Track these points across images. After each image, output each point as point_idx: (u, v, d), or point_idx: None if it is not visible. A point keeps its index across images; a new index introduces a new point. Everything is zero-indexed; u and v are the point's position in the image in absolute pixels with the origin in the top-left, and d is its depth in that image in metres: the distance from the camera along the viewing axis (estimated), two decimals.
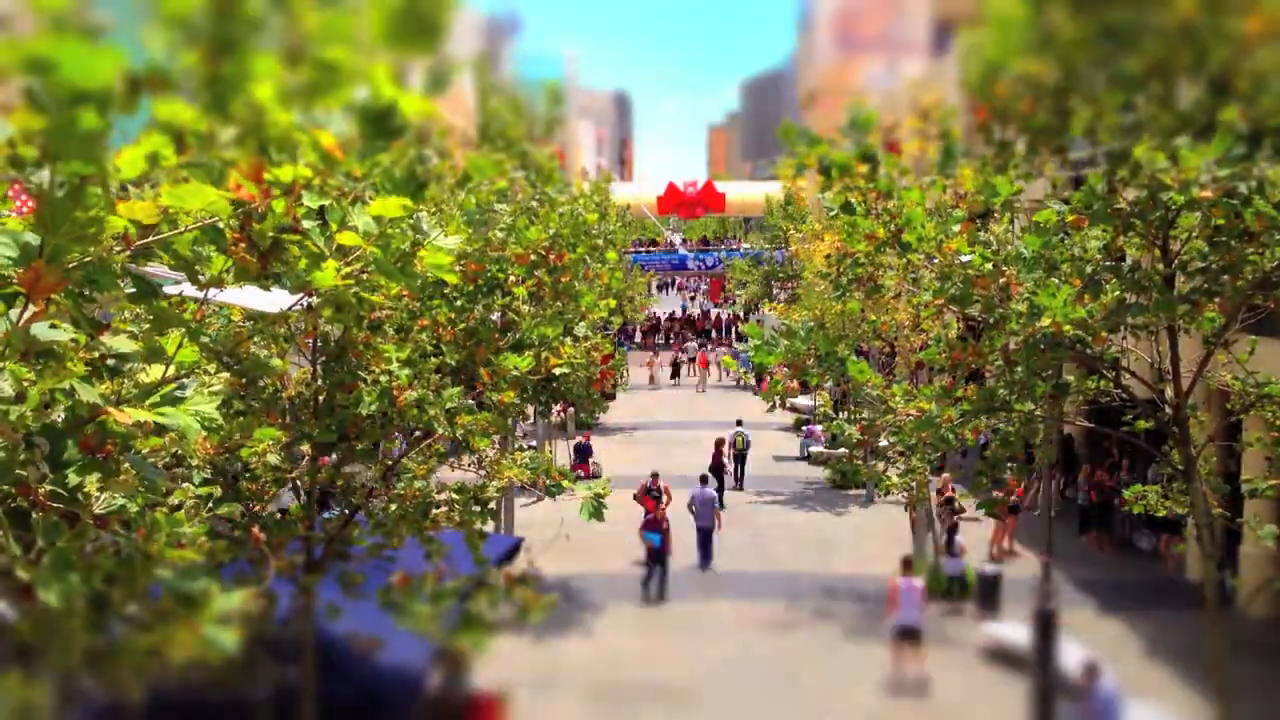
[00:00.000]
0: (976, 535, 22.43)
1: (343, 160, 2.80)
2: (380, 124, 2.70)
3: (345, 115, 2.71)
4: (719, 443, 26.45)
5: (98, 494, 3.48)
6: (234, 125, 2.68)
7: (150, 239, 3.10)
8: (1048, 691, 13.85)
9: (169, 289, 3.47)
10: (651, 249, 59.95)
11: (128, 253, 3.14)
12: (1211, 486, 11.80)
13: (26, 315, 3.04)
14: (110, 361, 3.27)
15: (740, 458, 27.37)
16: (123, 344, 3.21)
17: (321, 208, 3.07)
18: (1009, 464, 11.68)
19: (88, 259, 3.01)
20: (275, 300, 3.55)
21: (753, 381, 41.69)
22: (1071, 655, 14.37)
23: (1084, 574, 20.06)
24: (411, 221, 3.15)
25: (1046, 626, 14.14)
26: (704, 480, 21.79)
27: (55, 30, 2.43)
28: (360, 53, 2.58)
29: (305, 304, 3.38)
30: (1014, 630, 16.05)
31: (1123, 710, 12.46)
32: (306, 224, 3.06)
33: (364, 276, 3.12)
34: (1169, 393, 10.59)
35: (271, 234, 3.00)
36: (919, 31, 54.84)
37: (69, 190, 2.73)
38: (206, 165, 2.82)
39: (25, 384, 3.22)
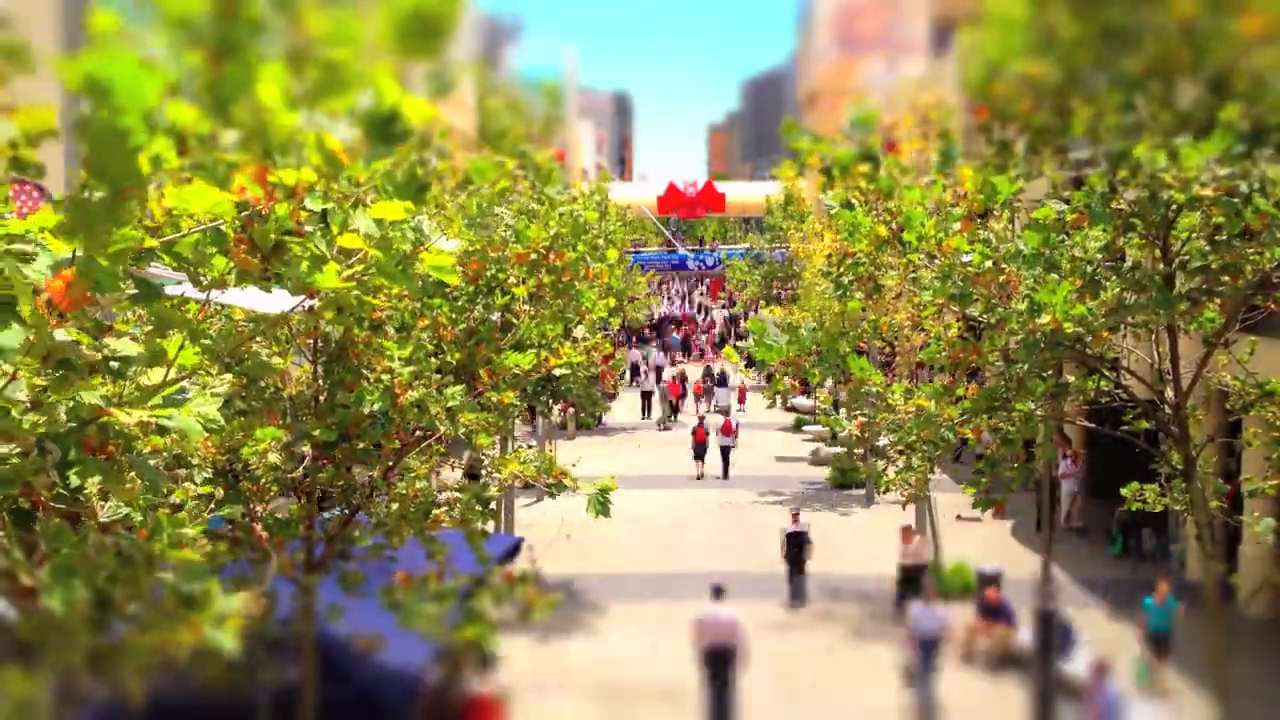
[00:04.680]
0: (978, 535, 22.45)
1: (348, 164, 2.80)
2: (384, 129, 2.70)
3: (349, 120, 2.72)
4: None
5: (101, 502, 3.49)
6: (237, 128, 2.69)
7: (155, 241, 3.11)
8: (1048, 691, 13.86)
9: (170, 290, 3.47)
10: (646, 249, 60.00)
11: (132, 255, 3.15)
12: (1211, 487, 11.80)
13: (51, 324, 3.03)
14: (114, 364, 3.27)
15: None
16: (126, 346, 3.22)
17: (324, 212, 3.08)
18: (1009, 463, 11.67)
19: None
20: (276, 302, 3.56)
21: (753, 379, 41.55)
22: (1080, 657, 14.39)
23: (1084, 573, 20.07)
24: (412, 224, 3.16)
25: (1046, 626, 14.14)
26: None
27: (105, 49, 2.44)
28: (365, 56, 2.59)
29: (307, 306, 3.38)
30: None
31: (1127, 712, 12.47)
32: (308, 227, 3.06)
33: (365, 279, 3.12)
34: (1169, 393, 10.59)
35: (274, 236, 3.00)
36: (919, 31, 54.85)
37: (109, 205, 2.73)
38: (209, 168, 2.83)
39: (38, 391, 3.22)
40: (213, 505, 7.72)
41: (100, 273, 2.83)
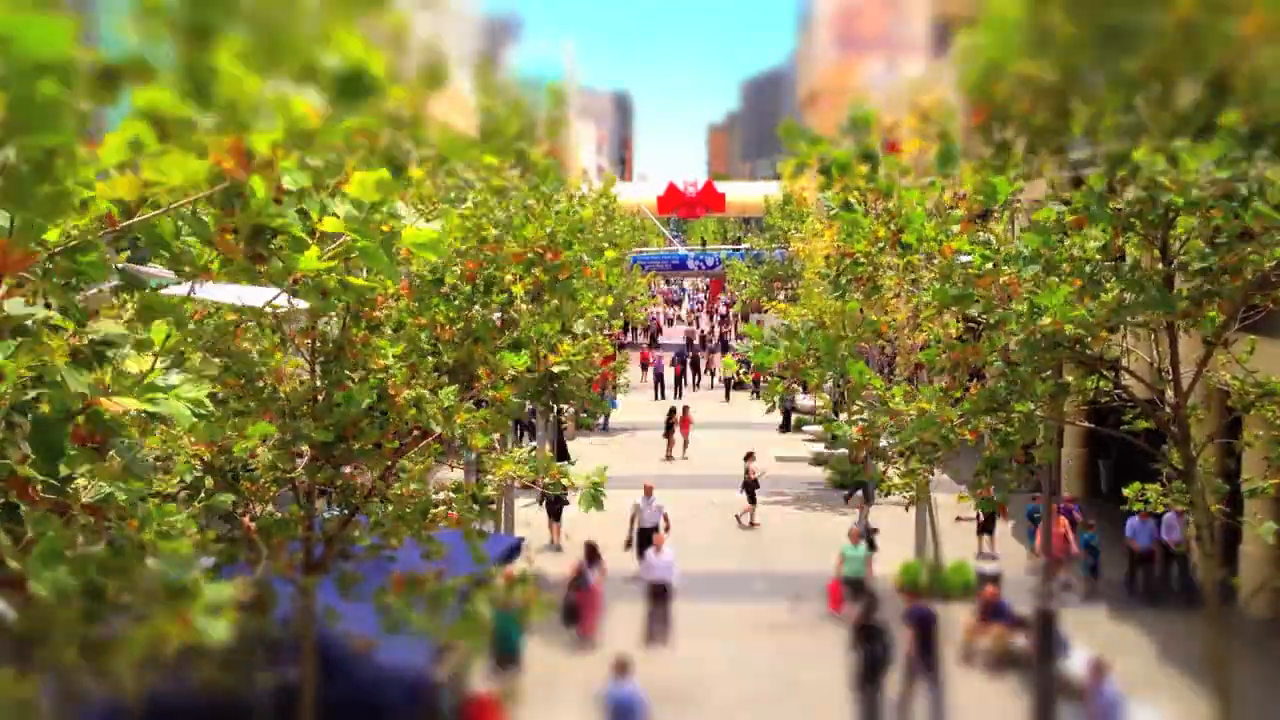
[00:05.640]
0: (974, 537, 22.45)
1: (316, 123, 2.80)
2: (351, 86, 2.71)
3: (317, 82, 2.73)
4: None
5: (87, 483, 3.48)
6: (215, 110, 2.70)
7: (133, 220, 3.10)
8: (1048, 691, 13.85)
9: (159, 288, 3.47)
10: (646, 249, 60.04)
11: (111, 235, 3.14)
12: (1211, 487, 11.78)
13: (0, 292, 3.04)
14: (99, 348, 3.26)
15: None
16: (109, 327, 3.21)
17: (301, 195, 3.07)
18: (1009, 464, 11.65)
19: (72, 243, 3.01)
20: (260, 294, 3.56)
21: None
22: (1077, 657, 14.39)
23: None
24: (390, 209, 3.16)
25: (1047, 626, 14.14)
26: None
27: (9, 4, 2.46)
28: (309, 14, 2.60)
29: (290, 294, 3.38)
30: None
31: (1125, 712, 12.47)
32: (289, 213, 3.06)
33: (348, 262, 3.12)
34: (1169, 393, 10.58)
35: (253, 220, 2.99)
36: (919, 31, 54.85)
37: (35, 164, 2.74)
38: (188, 149, 2.83)
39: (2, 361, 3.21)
40: (202, 495, 7.70)
41: (38, 229, 2.83)
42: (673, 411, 32.32)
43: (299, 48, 2.65)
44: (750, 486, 24.29)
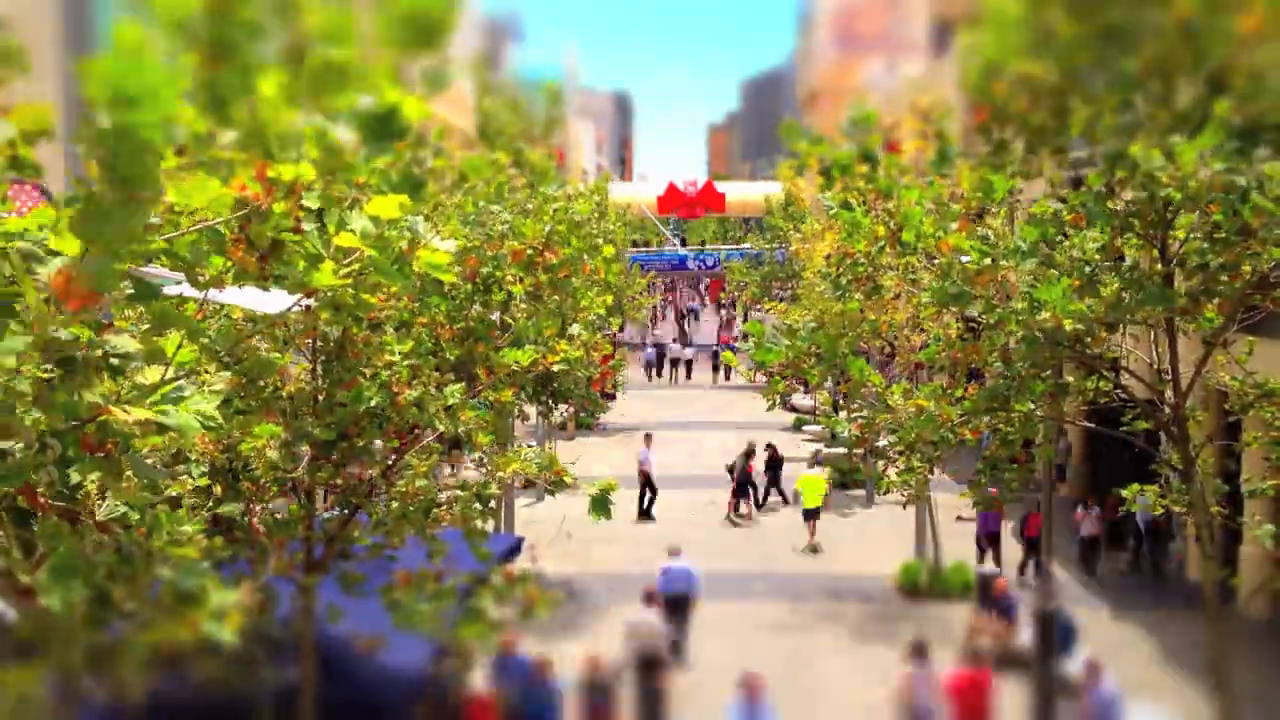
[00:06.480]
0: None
1: (347, 160, 2.80)
2: (382, 127, 2.71)
3: (347, 119, 2.72)
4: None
5: (100, 500, 3.49)
6: (235, 128, 2.69)
7: (162, 242, 3.11)
8: (1048, 691, 13.85)
9: (169, 289, 3.48)
10: (647, 248, 60.00)
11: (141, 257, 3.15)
12: (1211, 487, 11.78)
13: (54, 322, 3.04)
14: (114, 361, 3.27)
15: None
16: (125, 343, 3.22)
17: (320, 210, 3.08)
18: (1009, 464, 11.65)
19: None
20: (274, 301, 3.57)
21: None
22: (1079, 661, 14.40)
23: (1085, 572, 20.07)
24: (408, 225, 3.17)
25: (1047, 626, 14.14)
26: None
27: (127, 56, 2.44)
28: (363, 52, 2.60)
29: (304, 305, 3.39)
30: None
31: (1123, 712, 12.46)
32: (305, 226, 3.07)
33: (362, 277, 3.13)
34: (1168, 393, 10.58)
35: (270, 234, 3.01)
36: (919, 31, 54.87)
37: (127, 207, 2.73)
38: (208, 165, 2.83)
39: (41, 387, 3.22)
40: (211, 502, 7.72)
41: (110, 273, 2.83)
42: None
43: (350, 84, 2.65)
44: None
